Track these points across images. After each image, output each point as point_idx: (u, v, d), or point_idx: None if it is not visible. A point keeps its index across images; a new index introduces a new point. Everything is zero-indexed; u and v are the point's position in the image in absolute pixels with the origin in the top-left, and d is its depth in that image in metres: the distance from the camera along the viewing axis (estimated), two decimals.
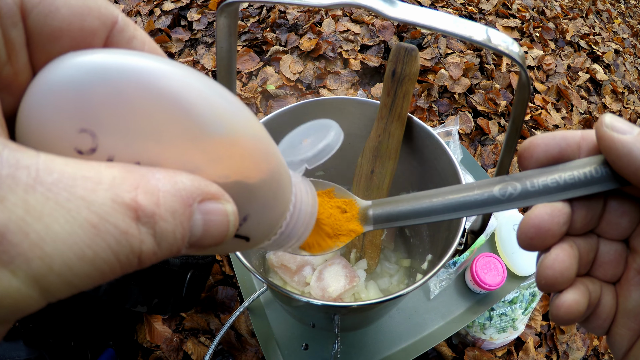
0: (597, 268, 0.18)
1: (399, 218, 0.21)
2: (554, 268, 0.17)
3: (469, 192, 0.19)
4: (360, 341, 0.55)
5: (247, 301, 0.54)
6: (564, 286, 0.17)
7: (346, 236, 0.23)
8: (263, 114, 0.98)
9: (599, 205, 0.18)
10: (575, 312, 0.17)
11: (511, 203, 0.18)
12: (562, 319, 0.17)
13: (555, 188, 0.17)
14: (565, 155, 0.18)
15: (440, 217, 0.20)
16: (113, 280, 0.43)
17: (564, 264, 0.17)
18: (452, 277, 0.61)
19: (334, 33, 1.16)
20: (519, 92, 0.22)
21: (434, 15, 0.20)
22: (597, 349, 0.77)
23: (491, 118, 1.04)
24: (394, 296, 0.31)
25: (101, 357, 0.61)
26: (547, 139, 0.18)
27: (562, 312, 0.17)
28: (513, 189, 0.18)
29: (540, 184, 0.17)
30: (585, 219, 0.17)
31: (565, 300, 0.17)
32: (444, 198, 0.19)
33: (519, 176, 0.18)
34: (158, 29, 1.15)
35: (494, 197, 0.18)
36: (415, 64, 0.38)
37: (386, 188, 0.45)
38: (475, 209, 0.19)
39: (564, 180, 0.17)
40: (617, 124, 0.16)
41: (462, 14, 1.33)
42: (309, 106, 0.45)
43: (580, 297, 0.17)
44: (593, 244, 0.18)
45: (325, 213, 0.23)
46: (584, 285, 0.17)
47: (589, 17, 1.56)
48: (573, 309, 0.17)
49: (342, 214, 0.23)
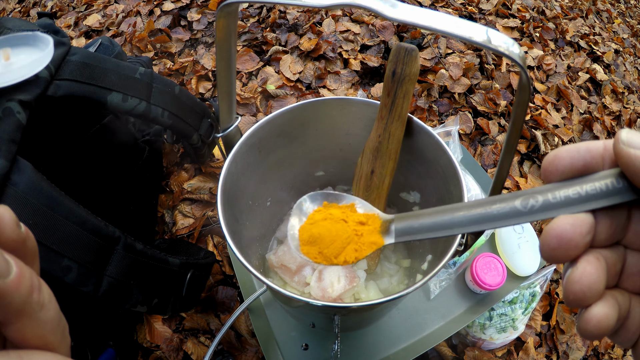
0: (625, 280, 0.18)
1: (421, 231, 0.22)
2: (581, 282, 0.16)
3: (491, 205, 0.19)
4: (360, 341, 0.55)
5: (247, 301, 0.54)
6: (592, 300, 0.16)
7: (368, 248, 0.24)
8: (263, 114, 0.98)
9: (623, 215, 0.17)
10: (604, 326, 0.16)
11: (533, 215, 0.18)
12: (591, 333, 0.16)
13: (577, 199, 0.17)
14: (589, 168, 0.17)
15: (463, 229, 0.20)
16: (113, 280, 0.43)
17: (591, 277, 0.16)
18: (452, 277, 0.61)
19: (334, 33, 1.16)
20: (519, 93, 0.22)
21: (434, 16, 0.20)
22: (597, 349, 0.77)
23: (491, 118, 1.04)
24: (394, 297, 0.31)
25: (101, 357, 0.61)
26: (572, 152, 0.17)
27: (591, 327, 0.16)
28: (535, 201, 0.18)
29: (562, 196, 0.17)
30: (609, 230, 0.17)
31: (595, 315, 0.16)
32: (467, 212, 0.20)
33: (540, 189, 0.18)
34: (158, 29, 1.15)
35: (516, 209, 0.18)
36: (415, 64, 0.38)
37: (386, 188, 0.45)
38: (497, 222, 0.19)
39: (586, 191, 0.17)
40: (634, 140, 0.16)
41: (462, 14, 1.33)
42: (309, 106, 0.45)
43: (610, 311, 0.16)
44: (620, 256, 0.18)
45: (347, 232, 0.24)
46: (613, 298, 0.17)
47: (589, 17, 1.56)
48: (603, 323, 0.16)
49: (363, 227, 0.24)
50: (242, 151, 0.41)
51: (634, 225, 0.17)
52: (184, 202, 0.83)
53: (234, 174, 0.41)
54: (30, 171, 0.39)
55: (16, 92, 0.42)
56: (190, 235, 0.79)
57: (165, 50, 1.12)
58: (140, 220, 0.75)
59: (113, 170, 0.65)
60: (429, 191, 0.47)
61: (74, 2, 1.31)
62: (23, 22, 0.51)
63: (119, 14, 1.22)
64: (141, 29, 1.15)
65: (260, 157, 0.45)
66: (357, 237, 0.24)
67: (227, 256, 0.76)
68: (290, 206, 0.59)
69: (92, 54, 0.51)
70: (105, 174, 0.63)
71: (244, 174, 0.43)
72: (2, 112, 0.40)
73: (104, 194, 0.62)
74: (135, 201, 0.71)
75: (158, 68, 1.06)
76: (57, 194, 0.40)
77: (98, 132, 0.60)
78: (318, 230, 0.25)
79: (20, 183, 0.38)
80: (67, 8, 1.29)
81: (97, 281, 0.42)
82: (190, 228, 0.79)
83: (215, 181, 0.85)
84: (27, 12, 1.31)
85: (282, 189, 0.54)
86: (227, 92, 0.36)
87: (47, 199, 0.39)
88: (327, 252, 0.25)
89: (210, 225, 0.80)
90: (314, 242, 0.25)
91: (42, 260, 0.38)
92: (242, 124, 0.93)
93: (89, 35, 1.19)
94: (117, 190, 0.65)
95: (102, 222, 0.43)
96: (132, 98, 0.52)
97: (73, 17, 1.23)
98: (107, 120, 0.61)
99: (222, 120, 0.39)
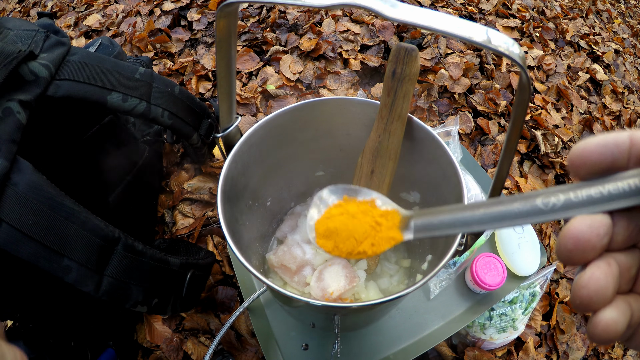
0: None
1: (440, 227, 0.22)
2: (588, 287, 0.16)
3: (512, 203, 0.19)
4: (360, 341, 0.55)
5: (247, 301, 0.54)
6: (600, 306, 0.16)
7: (386, 243, 0.24)
8: (263, 114, 0.98)
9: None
10: (612, 331, 0.16)
11: (554, 213, 0.18)
12: (599, 337, 0.16)
13: (599, 199, 0.17)
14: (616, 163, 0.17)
15: (482, 226, 0.20)
16: (113, 280, 0.43)
17: (599, 282, 0.16)
18: (452, 277, 0.61)
19: (334, 33, 1.16)
20: (519, 93, 0.22)
21: (434, 16, 0.20)
22: (597, 349, 0.77)
23: (491, 118, 1.04)
24: (394, 297, 0.31)
25: (101, 357, 0.61)
26: (600, 146, 0.17)
27: (598, 331, 0.16)
28: (556, 199, 0.18)
29: (584, 195, 0.17)
30: (626, 232, 0.17)
31: (602, 319, 0.16)
32: (487, 209, 0.20)
33: (561, 189, 0.18)
34: (158, 29, 1.15)
35: (537, 207, 0.18)
36: (415, 64, 0.38)
37: (386, 188, 0.45)
38: (518, 219, 0.19)
39: (608, 191, 0.17)
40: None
41: (462, 14, 1.33)
42: (309, 106, 0.45)
43: (619, 316, 0.16)
44: (636, 260, 0.17)
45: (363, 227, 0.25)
46: (626, 304, 0.16)
47: (589, 17, 1.56)
48: (610, 328, 0.16)
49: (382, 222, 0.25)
50: (242, 151, 0.41)
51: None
52: (184, 202, 0.83)
53: (234, 174, 0.41)
54: (30, 171, 0.39)
55: (16, 92, 0.42)
56: (190, 235, 0.79)
57: (165, 50, 1.12)
58: (140, 220, 0.75)
59: (113, 170, 0.65)
60: (429, 191, 0.47)
61: (74, 2, 1.31)
62: (23, 22, 0.51)
63: (119, 14, 1.22)
64: (141, 29, 1.15)
65: (260, 157, 0.45)
66: (375, 232, 0.25)
67: (227, 256, 0.76)
68: (290, 206, 0.59)
69: (92, 54, 0.51)
70: (105, 174, 0.63)
71: (244, 174, 0.43)
72: (2, 112, 0.40)
73: (103, 194, 0.62)
74: (135, 201, 0.71)
75: (158, 68, 1.06)
76: (57, 194, 0.40)
77: (98, 132, 0.60)
78: (334, 225, 0.26)
79: (20, 183, 0.38)
80: (67, 8, 1.29)
81: (97, 281, 0.42)
82: (190, 228, 0.79)
83: (215, 181, 0.85)
84: (27, 12, 1.31)
85: (282, 189, 0.54)
86: (227, 92, 0.36)
87: (47, 199, 0.39)
88: (342, 246, 0.25)
89: (210, 225, 0.80)
90: (329, 235, 0.26)
91: (42, 260, 0.38)
92: (242, 124, 0.93)
93: (89, 35, 1.19)
94: (117, 190, 0.65)
95: (102, 222, 0.43)
96: (132, 98, 0.52)
97: (73, 17, 1.23)
98: (107, 120, 0.61)
99: (222, 120, 0.39)
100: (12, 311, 0.50)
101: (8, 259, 0.38)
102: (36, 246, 0.38)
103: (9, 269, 0.45)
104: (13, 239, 0.37)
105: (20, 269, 0.45)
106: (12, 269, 0.45)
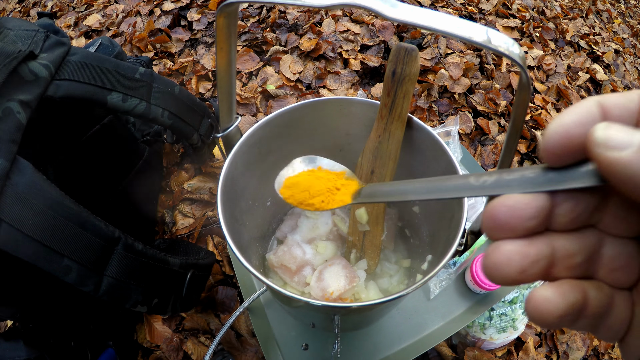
0: (606, 272, 0.16)
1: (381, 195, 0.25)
2: (491, 257, 0.15)
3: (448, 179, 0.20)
4: (360, 341, 0.55)
5: (247, 301, 0.54)
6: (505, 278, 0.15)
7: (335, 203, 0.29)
8: (263, 114, 0.98)
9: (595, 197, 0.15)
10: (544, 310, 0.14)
11: (483, 190, 0.17)
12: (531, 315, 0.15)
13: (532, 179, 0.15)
14: None
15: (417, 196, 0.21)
16: (113, 280, 0.43)
17: (502, 255, 0.15)
18: (452, 277, 0.61)
19: (334, 33, 1.16)
20: (519, 93, 0.22)
21: (434, 16, 0.20)
22: (597, 349, 0.77)
23: (491, 118, 1.04)
24: (394, 297, 0.31)
25: (101, 357, 0.61)
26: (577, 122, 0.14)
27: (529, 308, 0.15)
28: (489, 177, 0.17)
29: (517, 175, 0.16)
30: (572, 214, 0.15)
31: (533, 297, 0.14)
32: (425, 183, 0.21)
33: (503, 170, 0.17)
34: (158, 29, 1.15)
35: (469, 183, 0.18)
36: (415, 64, 0.38)
37: None
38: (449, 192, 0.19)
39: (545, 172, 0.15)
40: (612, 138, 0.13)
41: (462, 14, 1.33)
42: (309, 106, 0.45)
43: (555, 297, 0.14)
44: (589, 243, 0.16)
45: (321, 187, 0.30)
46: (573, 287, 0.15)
47: (589, 17, 1.56)
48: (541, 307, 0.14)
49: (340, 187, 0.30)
50: (242, 151, 0.41)
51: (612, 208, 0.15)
52: (184, 202, 0.83)
53: (234, 174, 0.41)
54: (31, 171, 0.39)
55: (16, 92, 0.42)
56: (190, 235, 0.79)
57: (165, 50, 1.12)
58: (140, 220, 0.75)
59: (113, 170, 0.65)
60: None
61: (74, 2, 1.31)
62: (23, 22, 0.51)
63: (119, 14, 1.22)
64: (141, 29, 1.15)
65: (260, 157, 0.45)
66: (329, 193, 0.30)
67: (227, 256, 0.76)
68: (290, 206, 0.59)
69: (92, 54, 0.51)
70: (105, 174, 0.63)
71: (244, 174, 0.43)
72: (2, 112, 0.40)
73: (104, 194, 0.62)
74: (135, 201, 0.71)
75: (158, 68, 1.06)
76: (57, 194, 0.40)
77: (98, 132, 0.60)
78: (298, 180, 0.31)
79: (20, 183, 0.38)
80: (67, 8, 1.29)
81: (97, 281, 0.42)
82: (190, 228, 0.79)
83: (215, 181, 0.85)
84: (27, 12, 1.31)
85: None
86: (227, 92, 0.36)
87: (47, 199, 0.39)
88: (297, 196, 0.30)
89: (210, 225, 0.80)
90: (290, 186, 0.31)
91: (42, 261, 0.38)
92: (242, 124, 0.93)
93: (89, 35, 1.19)
94: (117, 190, 0.65)
95: (102, 222, 0.43)
96: (132, 98, 0.52)
97: (73, 17, 1.24)
98: (107, 120, 0.61)
99: (222, 120, 0.39)
100: (12, 311, 0.50)
101: (8, 259, 0.38)
102: (36, 246, 0.38)
103: (9, 269, 0.45)
104: (13, 239, 0.37)
105: (20, 269, 0.45)
106: (12, 269, 0.45)
